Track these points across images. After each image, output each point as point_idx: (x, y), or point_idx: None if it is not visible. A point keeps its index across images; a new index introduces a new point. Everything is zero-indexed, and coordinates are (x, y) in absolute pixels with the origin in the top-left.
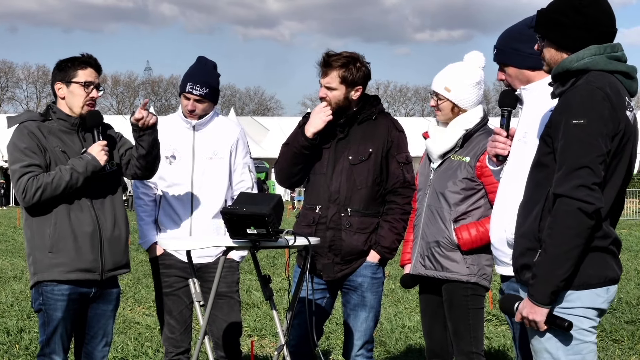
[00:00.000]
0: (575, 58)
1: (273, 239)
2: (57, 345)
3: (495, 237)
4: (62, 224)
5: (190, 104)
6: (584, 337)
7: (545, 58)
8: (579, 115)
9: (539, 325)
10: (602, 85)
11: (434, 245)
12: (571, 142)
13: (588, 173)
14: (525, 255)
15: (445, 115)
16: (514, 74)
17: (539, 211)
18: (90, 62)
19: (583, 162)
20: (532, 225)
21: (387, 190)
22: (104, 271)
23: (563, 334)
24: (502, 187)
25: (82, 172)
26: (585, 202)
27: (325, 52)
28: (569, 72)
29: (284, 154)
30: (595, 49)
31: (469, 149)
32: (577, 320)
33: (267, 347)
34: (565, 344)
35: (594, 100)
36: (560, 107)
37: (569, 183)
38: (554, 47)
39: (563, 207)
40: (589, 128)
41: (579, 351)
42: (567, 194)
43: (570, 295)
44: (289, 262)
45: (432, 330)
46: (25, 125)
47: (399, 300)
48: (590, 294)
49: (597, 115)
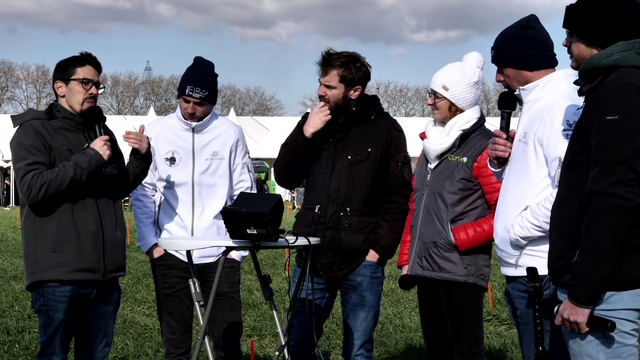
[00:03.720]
0: (603, 55)
1: (273, 239)
2: (57, 345)
3: (499, 237)
4: (65, 223)
5: (190, 107)
6: (625, 340)
7: (574, 54)
8: (612, 111)
9: (580, 326)
10: (634, 81)
11: (431, 246)
12: (606, 138)
13: (625, 169)
14: (563, 257)
15: (443, 114)
16: (512, 75)
17: (576, 211)
18: (89, 60)
19: (619, 158)
20: (569, 226)
21: (386, 190)
22: (106, 272)
23: (604, 336)
24: (504, 187)
25: (86, 167)
26: (623, 198)
27: (325, 51)
28: (597, 69)
29: (283, 154)
30: (623, 45)
31: (466, 150)
32: (619, 322)
33: (267, 347)
34: (606, 346)
35: (627, 95)
36: (592, 104)
37: (606, 180)
38: (583, 42)
39: (601, 205)
40: (624, 123)
41: (619, 354)
42: (604, 191)
43: (612, 296)
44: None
45: (432, 331)
46: (31, 124)
47: (399, 300)
48: (632, 295)
49: (631, 111)
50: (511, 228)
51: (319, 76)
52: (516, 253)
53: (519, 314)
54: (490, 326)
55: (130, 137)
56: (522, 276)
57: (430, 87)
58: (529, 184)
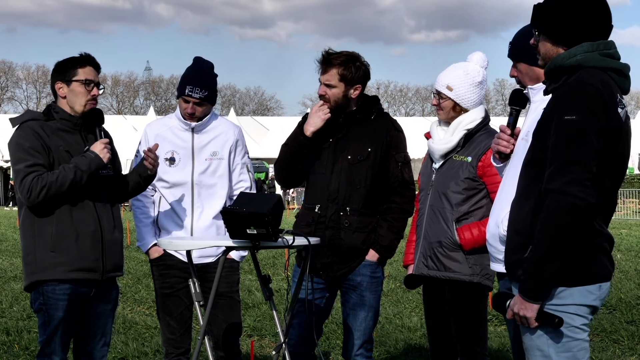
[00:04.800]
0: (567, 55)
1: (273, 239)
2: (57, 345)
3: (490, 232)
4: (64, 223)
5: (190, 107)
6: (575, 334)
7: (541, 52)
8: (570, 111)
9: (529, 321)
10: (594, 82)
11: (436, 246)
12: (563, 138)
13: (580, 169)
14: (517, 251)
15: (447, 114)
16: (524, 71)
17: (531, 208)
18: (89, 61)
19: (575, 157)
20: (524, 222)
21: (386, 190)
22: (104, 271)
23: (554, 331)
24: (502, 184)
25: (86, 170)
26: (577, 197)
27: (325, 50)
28: (561, 69)
29: (283, 154)
30: (588, 45)
31: (470, 149)
32: (569, 317)
33: (267, 347)
34: (556, 341)
35: (585, 96)
36: (552, 103)
37: (561, 179)
38: (549, 41)
39: (555, 203)
40: (581, 124)
41: (570, 348)
42: (559, 190)
43: (562, 292)
44: (288, 262)
45: (436, 330)
46: (29, 125)
47: (399, 300)
48: (581, 291)
49: (589, 111)
50: (501, 223)
51: (319, 75)
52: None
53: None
54: (490, 326)
55: (150, 157)
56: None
57: (435, 87)
58: None
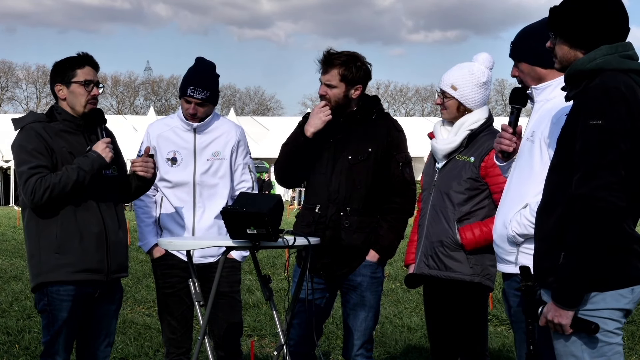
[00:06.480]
0: (587, 59)
1: (273, 239)
2: (60, 345)
3: (497, 233)
4: (69, 225)
5: (192, 108)
6: (609, 339)
7: (558, 55)
8: (595, 116)
9: (564, 328)
10: (617, 85)
11: (437, 245)
12: (589, 143)
13: (609, 173)
14: (547, 258)
15: (451, 113)
16: (526, 71)
17: (559, 214)
18: (88, 60)
19: (602, 162)
20: (553, 228)
21: (386, 190)
22: (109, 272)
23: (588, 336)
24: (508, 184)
25: (89, 170)
26: (607, 202)
27: (326, 50)
28: (581, 74)
29: (283, 154)
30: (607, 48)
31: (473, 149)
32: (602, 322)
33: (267, 347)
34: (590, 346)
35: (610, 99)
36: (576, 108)
37: (590, 184)
38: (567, 44)
39: (585, 209)
40: (607, 128)
41: (604, 353)
42: (589, 195)
43: (595, 297)
44: (288, 262)
45: (436, 330)
46: (32, 127)
47: (399, 300)
48: (614, 295)
49: (615, 115)
50: (509, 224)
51: (320, 75)
52: (512, 250)
53: (512, 312)
54: (490, 326)
55: (137, 166)
56: (517, 274)
57: (439, 86)
58: (531, 183)
